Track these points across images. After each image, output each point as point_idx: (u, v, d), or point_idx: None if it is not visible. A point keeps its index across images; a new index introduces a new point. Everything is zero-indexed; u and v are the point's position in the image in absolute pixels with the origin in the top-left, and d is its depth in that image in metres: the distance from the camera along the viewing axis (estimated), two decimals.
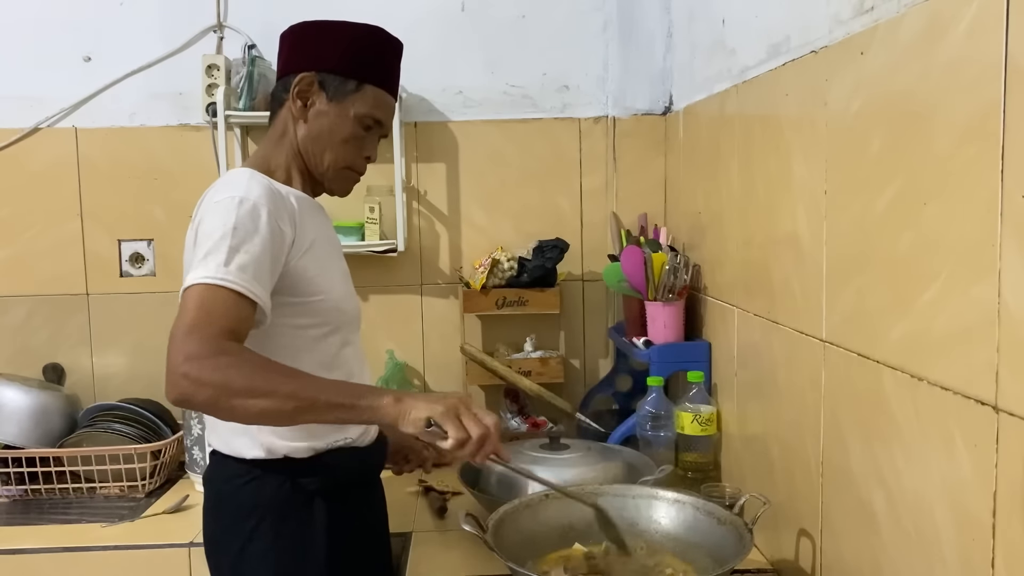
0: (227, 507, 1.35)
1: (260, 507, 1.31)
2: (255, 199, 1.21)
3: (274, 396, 1.11)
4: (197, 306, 1.13)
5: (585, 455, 1.64)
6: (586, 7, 2.27)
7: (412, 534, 1.68)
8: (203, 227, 1.21)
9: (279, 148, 1.38)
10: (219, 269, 1.15)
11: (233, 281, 1.15)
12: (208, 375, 1.09)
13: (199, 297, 1.14)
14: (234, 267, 1.16)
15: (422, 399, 1.14)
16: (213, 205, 1.22)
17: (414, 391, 1.24)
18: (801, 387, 1.34)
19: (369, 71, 1.36)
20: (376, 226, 2.21)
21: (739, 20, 1.67)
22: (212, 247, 1.17)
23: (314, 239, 1.31)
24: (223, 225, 1.18)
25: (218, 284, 1.14)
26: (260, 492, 1.31)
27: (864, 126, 1.11)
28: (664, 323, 1.88)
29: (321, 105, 1.35)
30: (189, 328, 1.11)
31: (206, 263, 1.16)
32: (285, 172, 1.37)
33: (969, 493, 0.89)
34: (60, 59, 2.24)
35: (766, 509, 1.33)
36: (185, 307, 1.14)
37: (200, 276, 1.15)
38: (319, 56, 1.35)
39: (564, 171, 2.31)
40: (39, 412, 2.04)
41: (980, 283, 0.86)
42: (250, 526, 1.31)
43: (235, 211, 1.19)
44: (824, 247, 1.24)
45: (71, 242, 2.27)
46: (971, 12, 0.87)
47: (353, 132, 1.36)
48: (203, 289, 1.14)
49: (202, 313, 1.12)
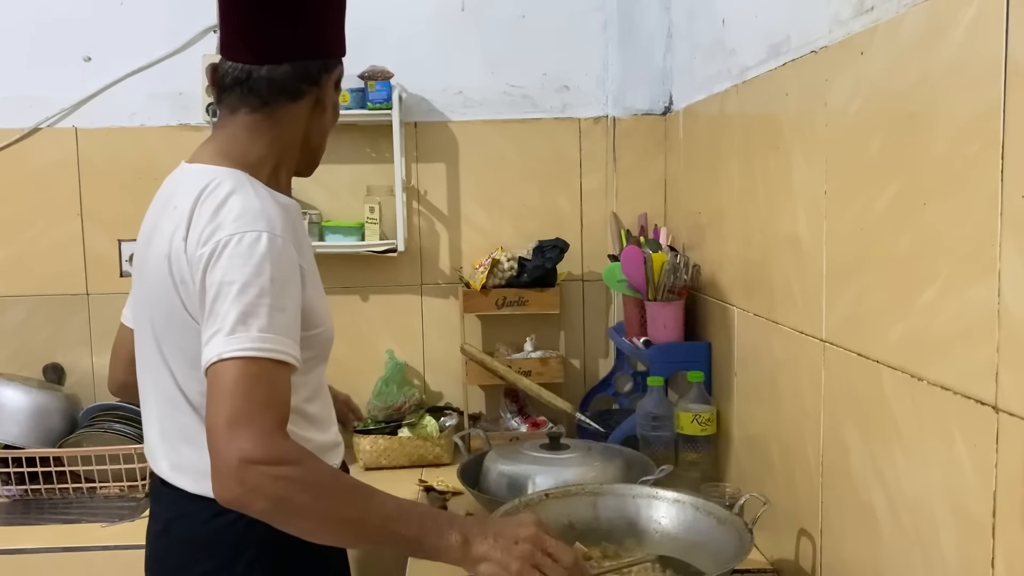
0: (212, 547, 1.17)
1: (253, 544, 1.16)
2: (277, 234, 1.08)
3: (337, 525, 1.01)
4: (250, 388, 0.99)
5: (585, 455, 1.64)
6: (586, 7, 2.27)
7: None
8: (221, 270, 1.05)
9: (267, 142, 1.19)
10: (263, 339, 1.02)
11: (279, 351, 1.03)
12: (268, 486, 0.96)
13: (252, 376, 1.00)
14: (276, 332, 1.03)
15: (491, 544, 1.03)
16: (228, 240, 1.06)
17: (478, 524, 1.08)
18: (801, 387, 1.34)
19: (342, 45, 1.25)
20: (376, 226, 2.21)
21: (739, 20, 1.67)
22: (246, 307, 1.02)
23: (311, 264, 1.19)
24: (253, 275, 1.04)
25: (274, 358, 1.02)
26: (251, 528, 1.09)
27: (864, 126, 1.11)
28: (664, 323, 1.88)
29: (332, 96, 1.24)
30: (244, 419, 0.98)
31: (245, 328, 1.02)
32: (272, 170, 1.20)
33: (969, 493, 0.89)
34: (60, 59, 2.24)
35: (766, 509, 1.33)
36: (232, 385, 0.99)
37: (251, 348, 1.01)
38: (334, 37, 1.21)
39: (564, 171, 2.31)
40: (39, 412, 2.04)
41: (980, 283, 0.86)
42: (242, 566, 1.17)
43: (262, 255, 1.05)
44: (824, 247, 1.24)
45: (71, 242, 2.27)
46: (971, 12, 0.87)
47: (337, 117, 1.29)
48: (242, 364, 1.00)
49: (258, 398, 1.00)
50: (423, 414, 2.17)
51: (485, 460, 1.69)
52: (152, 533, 1.26)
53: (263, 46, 1.17)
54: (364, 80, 2.15)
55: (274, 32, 1.16)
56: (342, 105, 2.10)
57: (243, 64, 1.17)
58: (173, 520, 1.21)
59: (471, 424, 2.24)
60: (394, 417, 2.13)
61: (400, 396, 2.14)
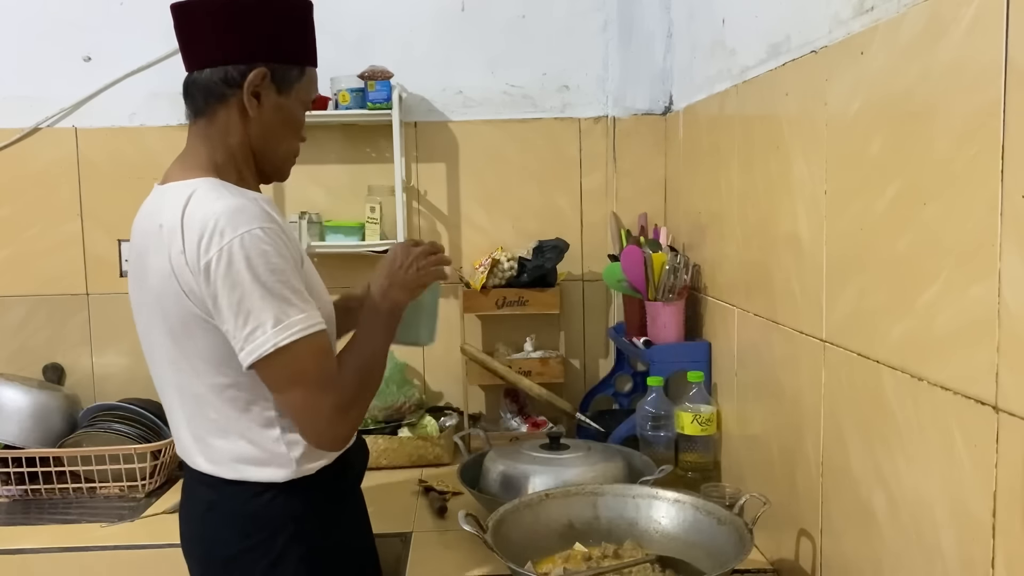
0: (253, 525, 1.27)
1: (292, 519, 1.27)
2: (271, 223, 1.17)
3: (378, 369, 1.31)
4: (314, 363, 1.18)
5: (585, 455, 1.64)
6: (586, 7, 2.28)
7: (412, 534, 1.68)
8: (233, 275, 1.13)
9: (222, 147, 1.25)
10: (305, 315, 1.17)
11: (316, 324, 1.18)
12: (357, 412, 1.27)
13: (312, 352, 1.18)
14: (312, 310, 1.18)
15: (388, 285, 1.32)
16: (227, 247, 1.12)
17: (376, 285, 1.34)
18: (801, 387, 1.34)
19: (307, 52, 1.28)
20: (376, 226, 2.21)
21: (739, 20, 1.67)
22: (281, 295, 1.15)
23: (301, 251, 1.26)
24: (271, 269, 1.14)
25: (316, 330, 1.18)
26: (289, 505, 1.26)
27: (864, 126, 1.11)
28: (664, 323, 1.88)
29: (272, 99, 1.25)
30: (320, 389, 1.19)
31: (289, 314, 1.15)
32: (236, 172, 1.27)
33: (969, 493, 0.89)
34: (60, 59, 2.24)
35: (766, 509, 1.33)
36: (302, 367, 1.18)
37: (301, 330, 1.16)
38: (261, 44, 1.22)
39: (564, 171, 2.31)
40: (39, 412, 2.04)
41: (980, 283, 0.86)
42: (282, 541, 1.26)
43: (271, 246, 1.15)
44: (824, 247, 1.24)
45: (71, 242, 2.27)
46: (971, 12, 0.87)
47: (301, 120, 1.31)
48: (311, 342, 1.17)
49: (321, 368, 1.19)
50: (423, 414, 2.17)
51: (485, 460, 1.69)
52: (194, 513, 1.33)
53: (191, 54, 1.26)
54: (364, 80, 2.15)
55: (199, 39, 1.24)
56: (343, 105, 2.15)
57: (188, 74, 1.27)
58: (217, 501, 1.29)
59: (471, 424, 2.24)
60: (394, 417, 2.13)
61: (400, 396, 2.14)
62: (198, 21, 1.24)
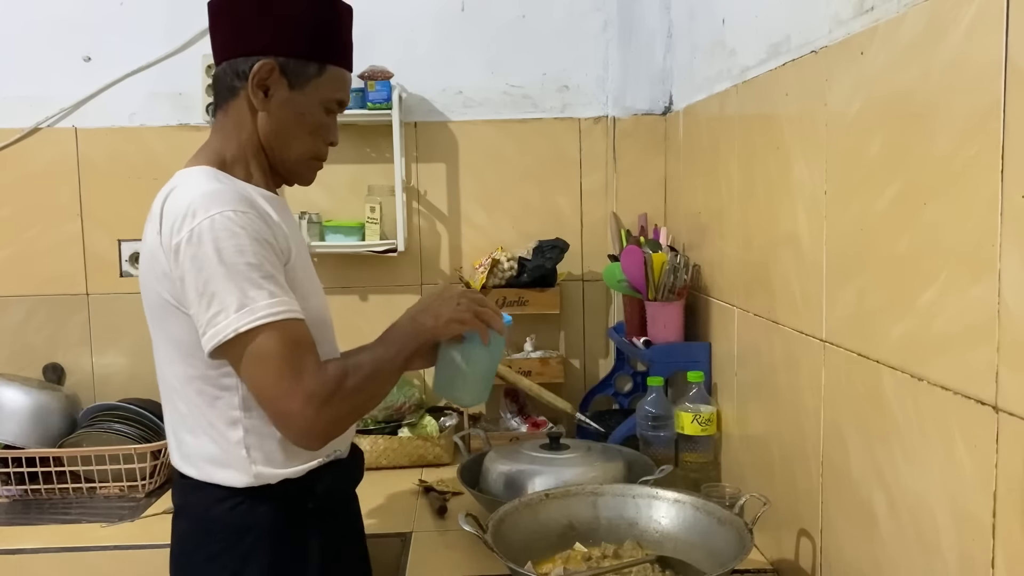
0: (215, 533, 1.23)
1: (255, 528, 1.22)
2: (245, 208, 1.14)
3: (383, 384, 1.22)
4: (283, 351, 1.11)
5: (585, 455, 1.64)
6: (586, 7, 2.28)
7: (412, 534, 1.68)
8: (198, 256, 1.10)
9: (233, 141, 1.25)
10: (273, 301, 1.11)
11: (291, 310, 1.13)
12: (341, 410, 1.16)
13: (279, 340, 1.11)
14: (283, 297, 1.13)
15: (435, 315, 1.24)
16: (196, 228, 1.11)
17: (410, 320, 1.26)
18: (801, 387, 1.34)
19: (329, 50, 1.25)
20: (376, 226, 2.22)
21: (739, 20, 1.67)
22: (249, 278, 1.10)
23: (293, 246, 1.23)
24: (245, 249, 1.11)
25: (286, 318, 1.12)
26: (253, 513, 1.22)
27: (864, 126, 1.11)
28: (664, 323, 1.88)
29: (283, 94, 1.23)
30: (294, 377, 1.11)
31: (253, 298, 1.10)
32: (244, 167, 1.26)
33: (969, 493, 0.89)
34: (60, 59, 2.24)
35: (766, 509, 1.33)
36: (267, 354, 1.10)
37: (264, 316, 1.10)
38: (274, 37, 1.21)
39: (564, 171, 2.31)
40: (39, 412, 2.04)
41: (980, 283, 0.86)
42: (243, 550, 1.22)
43: (242, 230, 1.12)
44: (824, 247, 1.24)
45: (71, 242, 2.27)
46: (971, 12, 0.87)
47: (319, 120, 1.27)
48: (276, 329, 1.11)
49: (293, 355, 1.12)
50: (423, 414, 2.17)
51: (485, 460, 1.69)
52: (173, 520, 1.33)
53: (214, 48, 1.27)
54: (364, 80, 2.15)
55: (218, 34, 1.26)
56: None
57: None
58: (182, 507, 1.29)
59: (471, 424, 2.24)
60: (394, 417, 2.13)
61: (400, 396, 2.14)
62: (219, 17, 1.25)
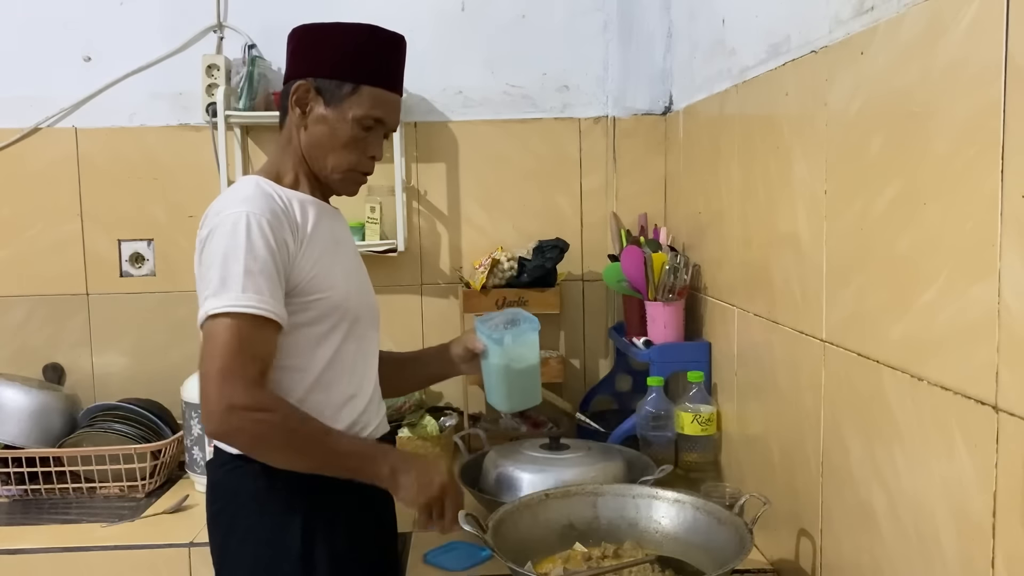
0: (219, 492, 1.39)
1: (243, 493, 1.35)
2: (258, 214, 1.25)
3: (300, 460, 1.26)
4: (229, 342, 1.18)
5: (585, 455, 1.64)
6: (586, 7, 2.27)
7: (412, 534, 1.67)
8: (211, 246, 1.25)
9: (287, 154, 1.41)
10: (239, 296, 1.20)
11: (255, 306, 1.20)
12: (249, 427, 1.20)
13: (228, 330, 1.19)
14: (252, 291, 1.21)
15: (412, 480, 1.29)
16: (218, 222, 1.25)
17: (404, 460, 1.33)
18: (801, 387, 1.34)
19: (364, 71, 1.37)
20: (377, 226, 2.22)
21: (739, 20, 1.67)
22: (226, 272, 1.21)
23: (315, 240, 1.33)
24: (233, 246, 1.22)
25: (242, 311, 1.20)
26: (243, 480, 1.34)
27: (864, 126, 1.11)
28: (664, 323, 1.88)
29: (319, 111, 1.36)
30: (226, 371, 1.17)
31: (225, 289, 1.20)
32: (293, 177, 1.40)
33: (969, 493, 0.89)
34: (60, 59, 2.24)
35: (766, 509, 1.33)
36: (216, 341, 1.19)
37: (223, 305, 1.20)
38: (315, 61, 1.37)
39: (564, 171, 2.31)
40: (39, 412, 2.04)
41: (980, 283, 0.86)
42: (233, 511, 1.36)
43: (242, 230, 1.23)
44: (824, 247, 1.24)
45: (71, 242, 2.27)
46: (971, 12, 0.87)
47: (353, 135, 1.37)
48: (234, 320, 1.19)
49: (236, 351, 1.18)
50: (423, 414, 2.16)
51: (485, 460, 1.69)
52: None
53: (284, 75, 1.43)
54: None
55: (286, 63, 1.42)
56: None
57: None
58: (206, 465, 1.44)
59: (471, 424, 2.24)
60: (394, 417, 2.13)
61: (400, 396, 2.14)
62: (287, 48, 1.42)
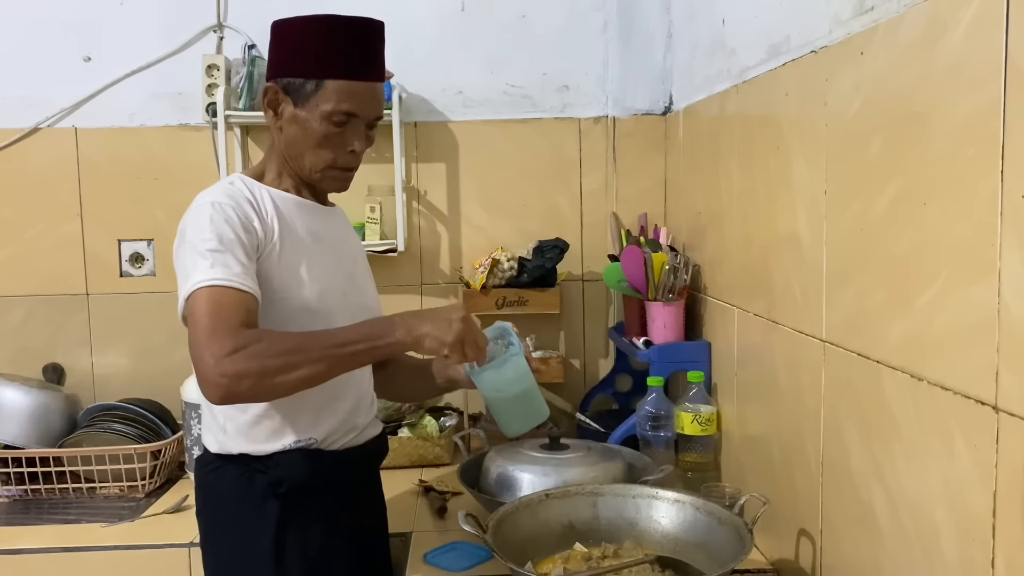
0: (202, 491, 1.43)
1: (223, 493, 1.37)
2: (223, 202, 1.27)
3: (308, 363, 1.18)
4: (207, 310, 1.18)
5: (585, 455, 1.64)
6: (586, 7, 2.27)
7: (412, 534, 1.68)
8: (186, 233, 1.27)
9: (272, 155, 1.42)
10: (208, 271, 1.20)
11: (223, 278, 1.20)
12: (244, 366, 1.14)
13: (205, 301, 1.18)
14: (220, 266, 1.21)
15: (431, 325, 1.24)
16: (188, 218, 1.29)
17: (414, 315, 1.27)
18: (801, 387, 1.34)
19: (325, 66, 1.31)
20: (377, 226, 2.21)
21: (739, 20, 1.67)
22: (196, 257, 1.22)
23: (285, 237, 1.33)
24: (198, 232, 1.24)
25: (217, 284, 1.20)
26: (220, 482, 1.38)
27: (864, 126, 1.11)
28: (664, 323, 1.88)
29: (290, 111, 1.34)
30: (208, 331, 1.16)
31: (198, 268, 1.21)
32: (275, 175, 1.41)
33: (969, 493, 0.89)
34: (60, 59, 2.24)
35: (766, 509, 1.33)
36: (195, 314, 1.19)
37: (199, 281, 1.20)
38: (278, 61, 1.35)
39: (564, 171, 2.31)
40: (39, 412, 2.04)
41: (980, 283, 0.86)
42: (212, 510, 1.40)
43: (206, 216, 1.25)
44: (824, 247, 1.24)
45: (71, 242, 2.27)
46: (971, 12, 0.87)
47: (325, 132, 1.33)
48: (207, 292, 1.19)
49: (213, 313, 1.17)
50: (423, 414, 2.16)
51: (485, 460, 1.69)
52: None
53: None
54: None
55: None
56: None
57: None
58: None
59: (471, 424, 2.24)
60: (394, 417, 2.13)
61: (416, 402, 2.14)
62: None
